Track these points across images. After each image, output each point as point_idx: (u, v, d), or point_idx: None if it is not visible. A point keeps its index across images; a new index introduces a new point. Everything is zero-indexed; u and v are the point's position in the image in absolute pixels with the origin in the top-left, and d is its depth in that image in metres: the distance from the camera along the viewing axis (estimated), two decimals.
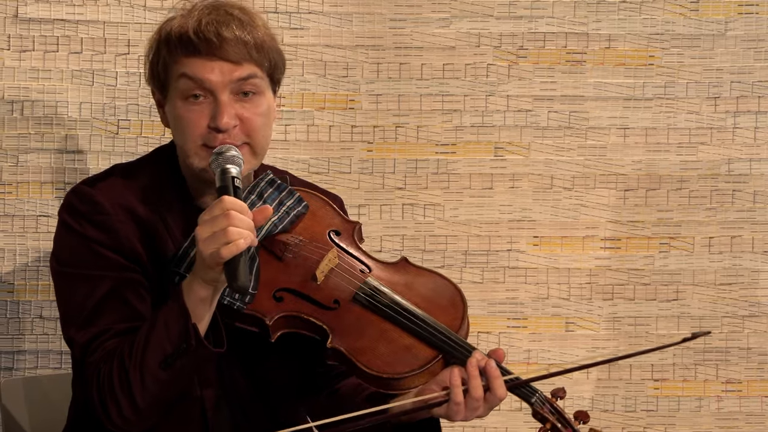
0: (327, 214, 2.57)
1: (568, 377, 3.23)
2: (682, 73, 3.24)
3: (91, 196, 2.46)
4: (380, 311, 2.44)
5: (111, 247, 2.43)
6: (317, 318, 2.42)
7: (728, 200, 3.25)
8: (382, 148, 3.20)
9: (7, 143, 3.05)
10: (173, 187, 2.51)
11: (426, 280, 2.52)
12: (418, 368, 2.40)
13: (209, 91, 2.43)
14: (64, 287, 2.47)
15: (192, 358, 2.33)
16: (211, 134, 2.43)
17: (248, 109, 2.45)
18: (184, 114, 2.44)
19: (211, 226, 2.28)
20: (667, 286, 3.25)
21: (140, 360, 2.34)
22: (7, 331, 3.06)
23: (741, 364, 3.26)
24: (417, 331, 2.42)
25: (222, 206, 2.28)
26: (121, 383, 2.34)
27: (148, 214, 2.47)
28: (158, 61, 2.47)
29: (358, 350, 2.39)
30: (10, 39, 3.04)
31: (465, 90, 3.20)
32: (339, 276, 2.47)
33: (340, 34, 3.16)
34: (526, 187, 3.23)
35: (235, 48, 2.43)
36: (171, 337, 2.33)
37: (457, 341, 2.42)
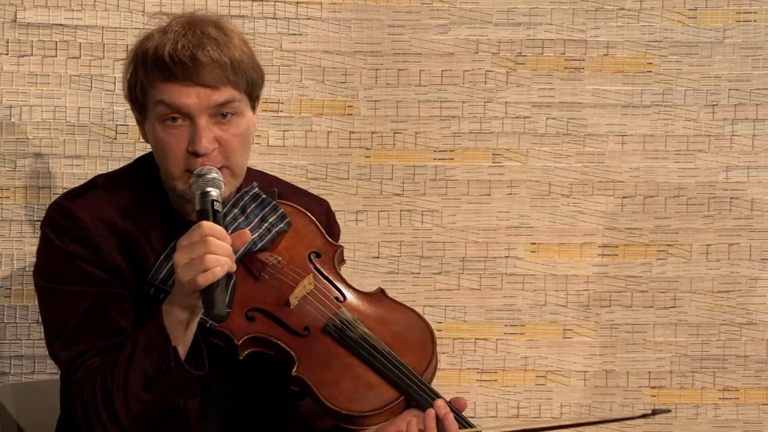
0: (310, 234, 2.55)
1: (565, 383, 3.23)
2: (680, 80, 3.24)
3: (71, 211, 2.45)
4: (348, 345, 2.43)
5: (92, 262, 2.42)
6: (286, 343, 2.42)
7: (726, 208, 3.26)
8: (380, 154, 3.20)
9: (5, 148, 3.05)
10: (154, 200, 2.50)
11: (399, 315, 2.51)
12: (379, 408, 2.39)
13: (187, 115, 2.40)
14: (47, 303, 2.46)
15: (173, 380, 2.33)
16: (190, 158, 2.40)
17: (226, 131, 2.42)
18: (163, 137, 2.42)
19: (188, 252, 2.26)
20: (664, 293, 3.25)
21: (123, 381, 2.33)
22: (4, 335, 3.05)
23: (738, 371, 3.26)
24: (382, 370, 2.41)
25: (200, 232, 2.27)
26: (104, 404, 2.34)
27: (128, 228, 2.45)
28: (136, 83, 2.45)
29: (322, 382, 2.39)
30: (8, 44, 3.04)
31: (463, 96, 3.20)
32: (312, 303, 2.47)
33: (338, 40, 3.16)
34: (524, 193, 3.23)
35: (212, 72, 2.39)
36: (152, 360, 2.32)
37: (421, 385, 2.41)
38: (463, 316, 3.21)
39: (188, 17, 2.45)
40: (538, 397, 3.23)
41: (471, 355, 3.22)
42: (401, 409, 2.40)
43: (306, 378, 2.40)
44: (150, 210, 2.49)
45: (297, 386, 2.41)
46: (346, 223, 3.18)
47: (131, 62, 2.46)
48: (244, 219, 2.51)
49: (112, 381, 2.33)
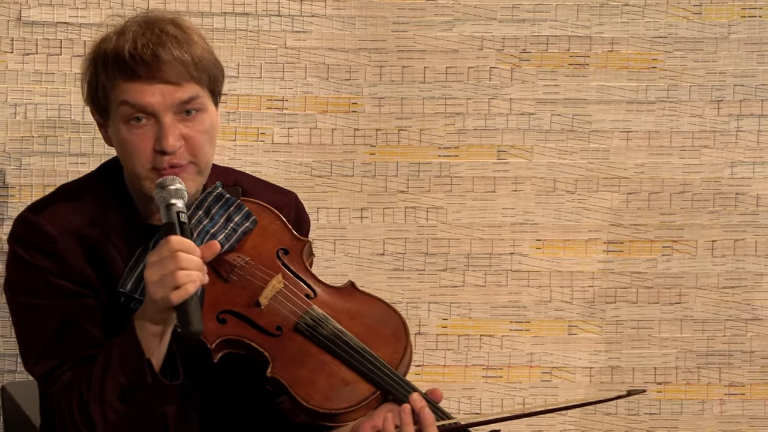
0: (276, 231, 2.53)
1: (570, 380, 3.23)
2: (685, 76, 3.24)
3: (39, 225, 2.42)
4: (321, 343, 2.42)
5: (61, 275, 2.40)
6: (259, 344, 2.40)
7: (731, 204, 3.25)
8: (385, 151, 3.20)
9: (11, 146, 3.06)
10: (120, 206, 2.48)
11: (371, 308, 2.49)
12: (356, 404, 2.38)
13: (151, 114, 2.38)
14: (19, 318, 2.45)
15: (149, 392, 2.31)
16: (157, 157, 2.38)
17: (191, 127, 2.40)
18: (128, 138, 2.39)
19: (159, 268, 2.23)
20: (669, 289, 3.25)
21: (99, 393, 2.31)
22: (11, 334, 3.06)
23: (744, 367, 3.26)
24: (356, 366, 2.40)
25: (169, 247, 2.24)
26: (81, 417, 2.33)
27: (95, 237, 2.43)
28: (96, 85, 2.42)
29: (297, 382, 2.38)
30: (13, 42, 3.05)
31: (468, 93, 3.20)
32: (282, 302, 2.45)
33: (342, 37, 3.16)
34: (529, 190, 3.23)
35: (174, 69, 2.37)
36: (126, 373, 2.30)
37: (396, 379, 2.40)
38: (468, 313, 3.22)
39: (144, 17, 2.43)
40: (544, 394, 3.23)
41: (476, 352, 3.22)
42: (378, 403, 2.39)
43: (281, 378, 2.38)
44: (115, 217, 2.47)
45: (272, 386, 2.40)
46: (351, 220, 3.18)
47: (90, 65, 2.43)
48: (208, 221, 2.49)
49: (88, 393, 2.32)
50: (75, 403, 2.33)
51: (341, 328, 2.43)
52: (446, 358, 3.20)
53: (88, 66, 2.44)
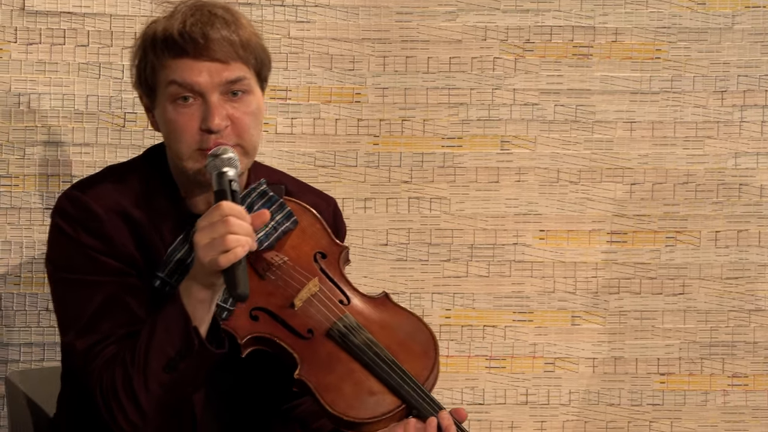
0: (316, 233, 2.54)
1: (574, 370, 3.23)
2: (689, 66, 3.24)
3: (85, 203, 2.44)
4: (351, 351, 2.42)
5: (107, 253, 2.42)
6: (289, 345, 2.41)
7: (735, 194, 3.25)
8: (389, 141, 3.20)
9: (14, 136, 3.06)
10: (164, 191, 2.49)
11: (403, 322, 2.49)
12: (380, 415, 2.39)
13: (199, 93, 2.41)
14: (61, 292, 2.46)
15: (195, 360, 2.33)
16: (203, 136, 2.40)
17: (238, 108, 2.42)
18: (174, 118, 2.41)
19: (209, 232, 2.27)
20: (673, 280, 3.25)
21: (143, 365, 2.33)
22: (14, 323, 3.06)
23: (747, 358, 3.26)
24: (384, 377, 2.40)
25: (220, 212, 2.27)
26: (125, 389, 2.34)
27: (140, 218, 2.45)
28: (145, 66, 2.45)
29: (324, 387, 2.39)
30: (16, 32, 3.05)
31: (471, 83, 3.20)
32: (316, 306, 2.45)
33: (346, 27, 3.16)
34: (533, 180, 3.22)
35: (223, 47, 2.40)
36: (173, 341, 2.32)
37: (422, 394, 2.40)
38: (471, 303, 3.22)
39: (194, 1, 2.46)
40: (547, 384, 3.23)
41: (479, 342, 3.22)
42: (401, 417, 2.39)
43: (308, 381, 2.39)
44: (159, 201, 2.49)
45: (298, 388, 2.41)
46: (354, 211, 3.18)
47: (139, 48, 2.47)
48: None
49: (132, 365, 2.33)
50: (118, 376, 2.35)
51: (373, 338, 2.43)
52: (449, 349, 3.20)
53: (138, 49, 2.47)
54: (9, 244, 3.06)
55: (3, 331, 3.06)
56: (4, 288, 3.06)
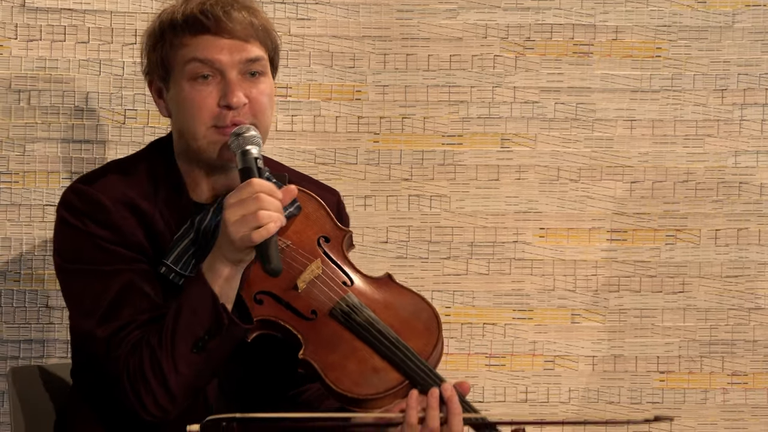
0: (319, 218, 2.56)
1: (573, 368, 3.23)
2: (689, 65, 3.24)
3: (91, 195, 2.47)
4: (354, 329, 2.45)
5: (117, 242, 2.45)
6: (294, 326, 2.43)
7: (735, 193, 3.25)
8: (389, 139, 3.20)
9: (14, 132, 3.06)
10: (168, 181, 2.52)
11: (406, 300, 2.52)
12: (384, 392, 2.41)
13: (218, 70, 2.45)
14: (75, 283, 2.47)
15: (224, 338, 2.35)
16: (221, 113, 2.44)
17: (255, 88, 2.47)
18: (192, 95, 2.45)
19: (240, 209, 2.31)
20: (673, 278, 3.25)
21: (171, 347, 2.35)
22: (14, 320, 3.06)
23: (747, 356, 3.26)
24: (387, 354, 2.42)
25: (251, 189, 2.32)
26: (154, 373, 2.36)
27: (146, 208, 2.48)
28: (161, 48, 2.48)
29: (328, 365, 2.41)
30: (17, 28, 3.05)
31: (472, 81, 3.20)
32: (319, 287, 2.48)
33: (346, 24, 3.16)
34: (533, 178, 3.23)
35: (244, 26, 2.46)
36: (201, 320, 2.35)
37: (426, 370, 2.42)
38: (471, 301, 3.22)
39: None
40: (546, 382, 3.23)
41: (479, 340, 3.22)
42: (405, 393, 2.41)
43: (312, 361, 2.41)
44: (164, 191, 2.51)
45: (303, 369, 2.43)
46: (354, 208, 3.18)
47: (155, 31, 2.49)
48: None
49: (160, 348, 2.36)
50: (146, 359, 2.36)
51: (375, 317, 2.45)
52: (449, 346, 3.20)
53: (152, 33, 2.50)
54: (9, 240, 3.06)
55: (3, 327, 3.06)
56: (4, 285, 3.05)
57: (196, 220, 2.49)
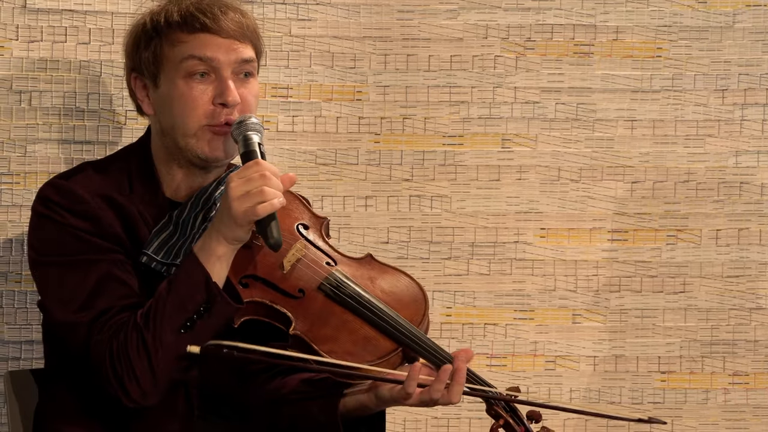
0: (296, 208, 2.60)
1: (574, 369, 3.23)
2: (690, 65, 3.24)
3: (69, 187, 2.50)
4: (343, 302, 2.48)
5: (96, 233, 2.47)
6: (282, 305, 2.46)
7: (736, 193, 3.25)
8: (390, 139, 3.20)
9: (15, 133, 3.06)
10: (144, 179, 2.56)
11: (390, 276, 2.57)
12: (377, 359, 2.44)
13: (215, 68, 2.50)
14: (52, 276, 2.49)
15: (213, 317, 2.37)
16: (215, 111, 2.49)
17: (246, 89, 2.52)
18: (187, 92, 2.50)
19: (245, 185, 2.36)
20: (674, 278, 3.25)
21: (159, 326, 2.37)
22: (15, 321, 3.06)
23: (748, 356, 3.26)
24: (378, 323, 2.47)
25: (257, 168, 2.38)
26: (138, 352, 2.37)
27: (124, 202, 2.51)
28: (154, 44, 2.51)
29: (319, 338, 2.44)
30: (18, 29, 3.05)
31: (472, 82, 3.20)
32: (305, 266, 2.51)
33: (347, 25, 3.16)
34: (534, 179, 3.23)
35: (239, 27, 2.51)
36: (193, 297, 2.37)
37: (418, 335, 2.47)
38: (472, 302, 3.22)
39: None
40: (548, 382, 3.23)
41: (480, 341, 3.22)
42: (399, 359, 2.46)
43: (303, 335, 2.44)
44: (140, 189, 2.56)
45: (294, 346, 2.45)
46: (355, 209, 3.18)
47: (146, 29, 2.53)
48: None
49: (146, 328, 2.37)
50: (132, 340, 2.37)
51: (363, 289, 2.50)
52: (450, 347, 3.19)
53: (141, 31, 2.54)
54: (10, 241, 3.06)
55: (4, 328, 3.06)
56: (6, 286, 3.06)
57: (174, 214, 2.54)
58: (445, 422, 3.21)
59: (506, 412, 2.50)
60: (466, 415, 3.21)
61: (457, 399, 2.43)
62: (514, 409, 2.51)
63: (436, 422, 3.21)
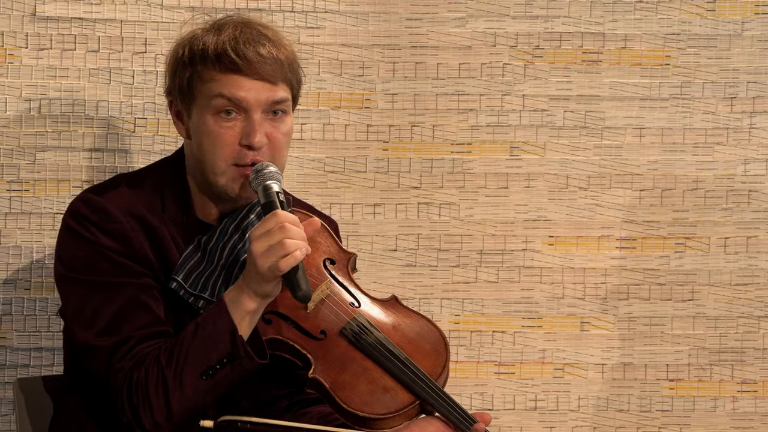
0: (324, 241, 2.58)
1: (583, 376, 3.23)
2: (699, 73, 3.24)
3: (102, 205, 2.48)
4: (364, 349, 2.46)
5: (126, 254, 2.46)
6: (302, 346, 2.45)
7: (744, 200, 3.25)
8: (398, 147, 3.20)
9: (25, 141, 3.07)
10: (175, 199, 2.54)
11: (413, 322, 2.54)
12: (395, 411, 2.42)
13: (243, 109, 2.47)
14: (77, 293, 2.48)
15: (236, 369, 2.37)
16: (241, 151, 2.47)
17: (276, 128, 2.49)
18: (216, 130, 2.47)
19: (267, 240, 2.33)
20: (682, 286, 3.25)
21: (180, 368, 2.36)
22: (24, 328, 3.07)
23: (756, 364, 3.26)
24: (398, 374, 2.45)
25: (276, 220, 2.34)
26: (157, 389, 2.37)
27: (155, 222, 2.50)
28: (189, 76, 2.49)
29: (338, 385, 2.42)
30: (28, 37, 3.06)
31: (481, 89, 3.21)
32: (329, 307, 2.49)
33: (356, 33, 3.17)
34: (542, 186, 3.23)
35: (272, 67, 2.47)
36: (218, 348, 2.36)
37: (436, 390, 2.44)
38: (480, 309, 3.22)
39: (238, 18, 2.53)
40: (556, 390, 3.23)
41: (489, 348, 3.22)
42: (416, 412, 2.44)
43: (322, 380, 2.42)
44: (171, 207, 2.53)
45: (313, 388, 2.44)
46: (363, 216, 3.18)
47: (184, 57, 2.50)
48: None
49: (168, 367, 2.36)
50: (152, 375, 2.37)
51: (385, 337, 2.47)
52: (458, 354, 3.20)
53: (177, 59, 2.51)
54: (20, 249, 3.07)
55: (13, 335, 3.07)
56: (15, 293, 3.06)
57: (202, 241, 2.51)
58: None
59: None
60: None
61: None
62: None
63: None
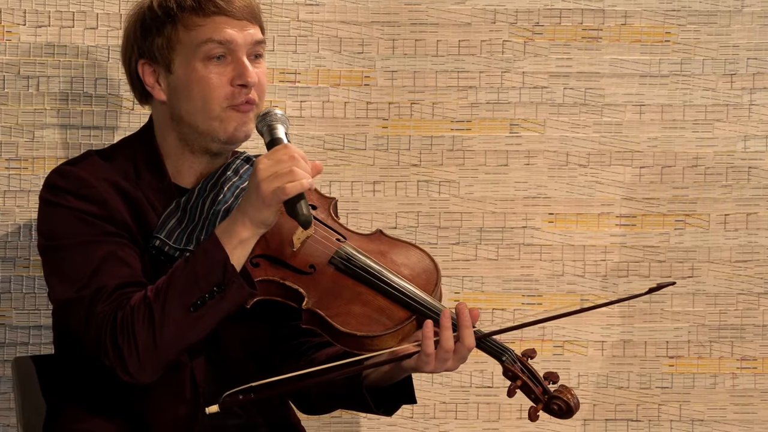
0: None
1: (583, 353, 3.23)
2: (699, 49, 3.23)
3: (75, 173, 2.52)
4: (355, 274, 2.49)
5: (102, 217, 2.48)
6: (293, 282, 2.46)
7: (744, 177, 3.25)
8: (398, 124, 3.20)
9: (23, 119, 3.06)
10: (150, 166, 2.57)
11: (400, 248, 2.58)
12: (392, 328, 2.44)
13: (232, 51, 2.52)
14: (57, 258, 2.49)
15: (225, 301, 2.37)
16: (235, 92, 2.51)
17: (259, 70, 2.55)
18: (206, 75, 2.51)
19: (274, 166, 2.36)
20: (682, 263, 3.25)
21: (168, 301, 2.36)
22: (23, 306, 3.06)
23: (756, 341, 3.26)
24: (391, 293, 2.47)
25: (286, 150, 2.38)
26: (143, 326, 2.36)
27: (130, 188, 2.52)
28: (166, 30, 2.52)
29: (333, 311, 2.44)
30: (26, 14, 3.04)
31: (480, 67, 3.20)
32: (315, 243, 2.52)
33: (355, 10, 3.16)
34: (542, 164, 3.22)
35: (250, 10, 2.54)
36: (208, 279, 2.36)
37: (430, 302, 2.47)
38: (480, 287, 3.22)
39: None
40: (556, 367, 3.21)
41: (488, 325, 3.22)
42: (413, 329, 2.46)
43: (317, 309, 2.43)
44: (146, 174, 2.57)
45: (308, 321, 2.44)
46: (363, 194, 3.18)
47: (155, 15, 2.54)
48: (238, 178, 2.59)
49: (157, 301, 2.37)
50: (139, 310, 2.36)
51: (374, 260, 2.51)
52: None
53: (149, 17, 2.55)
54: (19, 227, 3.06)
55: (12, 314, 3.06)
56: (14, 271, 3.06)
57: (181, 201, 2.55)
58: (453, 407, 3.22)
59: (523, 372, 2.51)
60: (474, 400, 3.21)
61: (472, 341, 2.43)
62: (531, 371, 2.51)
63: (444, 407, 3.21)
